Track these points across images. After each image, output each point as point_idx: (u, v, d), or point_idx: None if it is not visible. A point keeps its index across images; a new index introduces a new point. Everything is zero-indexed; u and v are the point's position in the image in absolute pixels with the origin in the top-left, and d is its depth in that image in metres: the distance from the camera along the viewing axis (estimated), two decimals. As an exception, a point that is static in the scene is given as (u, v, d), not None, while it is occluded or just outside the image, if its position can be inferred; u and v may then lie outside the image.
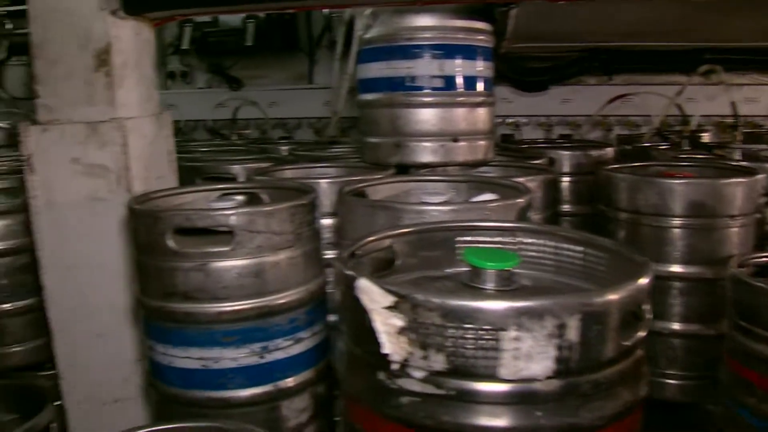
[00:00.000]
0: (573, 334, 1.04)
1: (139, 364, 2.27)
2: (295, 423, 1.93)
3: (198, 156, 3.18)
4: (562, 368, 1.05)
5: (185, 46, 4.90)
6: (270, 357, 1.82)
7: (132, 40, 2.30)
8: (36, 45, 2.24)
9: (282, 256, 1.81)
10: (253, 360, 1.80)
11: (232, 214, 1.72)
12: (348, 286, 1.17)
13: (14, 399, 2.38)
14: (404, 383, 1.10)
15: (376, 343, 1.11)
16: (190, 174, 2.69)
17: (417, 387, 1.09)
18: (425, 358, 1.07)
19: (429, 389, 1.08)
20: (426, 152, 2.54)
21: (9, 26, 5.25)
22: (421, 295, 1.06)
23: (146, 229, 1.78)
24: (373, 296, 1.09)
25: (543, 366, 1.04)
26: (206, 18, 4.86)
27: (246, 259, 1.75)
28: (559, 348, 1.04)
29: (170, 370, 1.84)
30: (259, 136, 4.86)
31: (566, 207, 3.09)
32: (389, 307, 1.08)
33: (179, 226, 1.73)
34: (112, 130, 2.15)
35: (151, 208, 1.83)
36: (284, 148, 3.68)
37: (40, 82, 2.25)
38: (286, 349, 1.84)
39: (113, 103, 2.20)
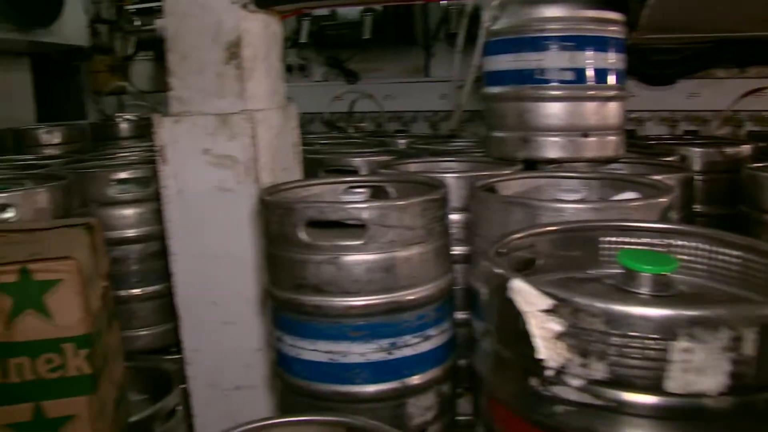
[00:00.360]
0: (749, 347, 0.96)
1: (261, 353, 2.30)
2: (420, 421, 1.90)
3: (318, 148, 3.19)
4: (736, 384, 0.97)
5: (303, 39, 4.95)
6: (398, 353, 1.79)
7: (261, 33, 2.32)
8: (170, 39, 2.29)
9: (413, 251, 1.78)
10: (381, 356, 1.78)
11: (365, 208, 1.71)
12: (499, 286, 1.12)
13: (143, 381, 2.44)
14: (559, 391, 1.04)
15: (530, 348, 1.06)
16: (312, 166, 2.70)
17: (573, 396, 1.03)
18: (584, 365, 1.01)
19: (587, 399, 1.02)
20: (554, 147, 2.45)
21: (137, 23, 5.45)
22: (583, 299, 1.00)
23: (278, 221, 1.78)
24: (529, 298, 1.04)
25: (715, 381, 0.96)
26: (324, 11, 4.89)
27: (377, 254, 1.73)
28: (734, 362, 0.96)
29: (297, 361, 1.85)
30: (374, 129, 4.86)
31: (698, 208, 2.93)
32: (546, 311, 1.02)
33: (312, 219, 1.73)
34: (241, 122, 2.17)
35: (284, 200, 1.84)
36: (402, 142, 3.65)
37: (173, 74, 2.29)
38: (414, 346, 1.81)
39: (243, 95, 2.23)
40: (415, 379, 1.84)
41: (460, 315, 2.06)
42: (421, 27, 5.13)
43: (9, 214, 2.24)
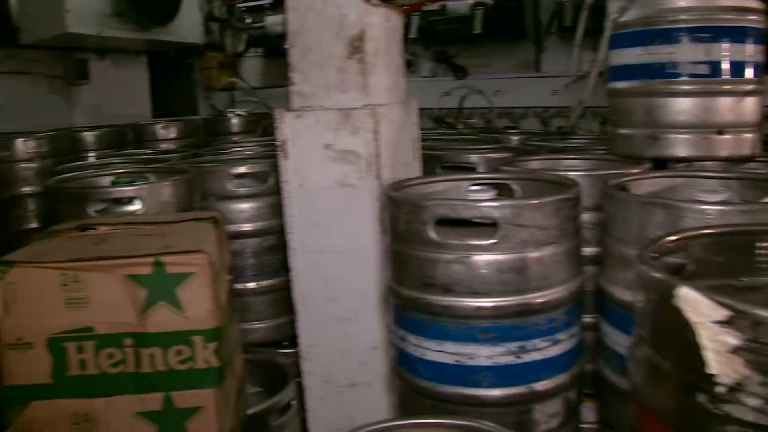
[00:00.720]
0: None
1: (377, 350, 2.27)
2: (545, 428, 1.83)
3: (432, 144, 3.14)
4: None
5: (413, 34, 4.91)
6: (527, 357, 1.73)
7: (383, 27, 2.29)
8: (292, 34, 2.28)
9: (545, 252, 1.71)
10: (509, 359, 1.72)
11: (498, 207, 1.65)
12: (659, 292, 1.05)
13: (257, 373, 2.46)
14: (732, 410, 0.96)
15: (697, 361, 0.98)
16: (427, 162, 2.65)
17: (750, 416, 0.94)
18: (765, 384, 0.92)
19: (765, 421, 0.93)
20: (685, 145, 2.33)
21: (248, 20, 5.54)
22: (765, 311, 0.91)
23: (407, 218, 1.75)
24: (700, 308, 0.95)
25: None
26: (434, 6, 4.83)
27: (509, 254, 1.67)
28: None
29: (421, 362, 1.80)
30: (483, 125, 4.78)
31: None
32: (721, 322, 0.94)
33: (442, 217, 1.68)
34: (364, 117, 2.14)
35: (413, 197, 1.80)
36: (515, 138, 3.57)
37: (295, 69, 2.28)
38: (543, 350, 1.74)
39: (365, 90, 2.20)
40: (543, 385, 1.77)
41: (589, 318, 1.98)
42: (531, 21, 5.01)
43: (136, 207, 2.29)
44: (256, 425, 2.12)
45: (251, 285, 2.71)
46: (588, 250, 2.01)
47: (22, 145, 3.49)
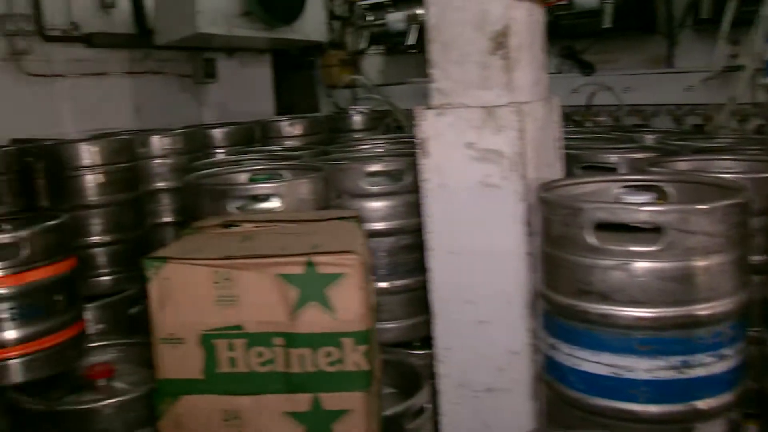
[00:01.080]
0: None
1: (518, 356, 2.19)
2: (704, 449, 1.72)
3: (566, 143, 3.02)
4: None
5: (542, 30, 4.78)
6: (690, 373, 1.62)
7: (526, 22, 2.22)
8: (431, 29, 2.23)
9: (713, 260, 1.60)
10: (671, 374, 1.62)
11: (664, 211, 1.55)
12: None
13: (391, 374, 2.43)
14: None
15: None
16: (565, 162, 2.55)
17: None
18: None
19: None
20: None
21: (370, 18, 5.55)
22: None
23: (562, 221, 1.67)
24: None
25: None
26: (561, 1, 4.69)
27: (673, 262, 1.57)
28: None
29: (574, 372, 1.73)
30: (612, 123, 4.60)
31: None
32: None
33: (602, 221, 1.59)
34: (509, 114, 2.07)
35: (570, 200, 1.72)
36: (649, 137, 3.40)
37: (434, 65, 2.23)
38: (708, 366, 1.63)
39: (509, 87, 2.13)
40: (706, 403, 1.66)
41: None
42: (663, 14, 4.79)
43: (274, 204, 2.30)
44: (391, 428, 2.09)
45: (384, 285, 2.67)
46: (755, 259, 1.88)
47: (158, 142, 3.60)
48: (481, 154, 2.12)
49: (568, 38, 4.97)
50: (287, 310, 1.58)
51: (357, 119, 4.81)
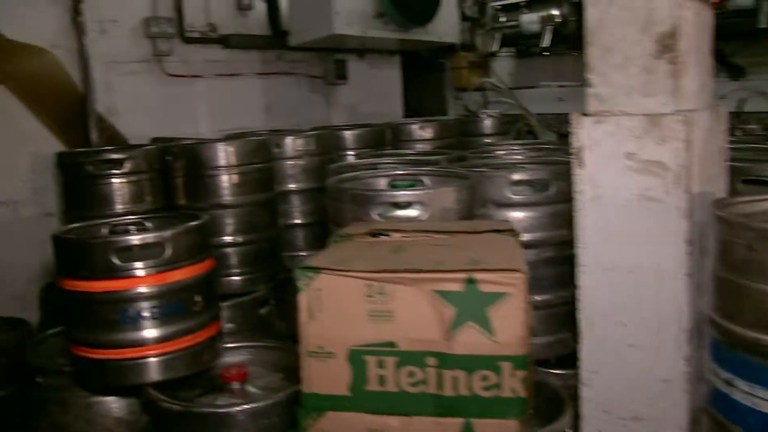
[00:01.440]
0: None
1: (670, 384, 2.03)
2: None
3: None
4: None
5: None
6: None
7: (694, 23, 2.05)
8: (591, 30, 2.09)
9: None
10: None
11: None
12: None
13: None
14: None
15: None
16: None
17: None
18: None
19: None
20: None
21: (502, 19, 5.41)
22: None
23: (747, 244, 1.51)
24: None
25: None
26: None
27: None
28: None
29: (753, 413, 1.57)
30: (762, 132, 4.28)
31: None
32: None
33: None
34: (675, 124, 1.92)
35: (759, 221, 1.55)
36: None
37: (593, 70, 2.10)
38: None
39: (676, 94, 1.97)
40: None
41: None
42: (826, 14, 4.42)
43: (415, 212, 2.21)
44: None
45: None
46: None
47: (291, 143, 3.59)
48: (641, 165, 1.97)
49: (717, 39, 4.66)
50: (443, 329, 1.49)
51: (487, 123, 4.68)
